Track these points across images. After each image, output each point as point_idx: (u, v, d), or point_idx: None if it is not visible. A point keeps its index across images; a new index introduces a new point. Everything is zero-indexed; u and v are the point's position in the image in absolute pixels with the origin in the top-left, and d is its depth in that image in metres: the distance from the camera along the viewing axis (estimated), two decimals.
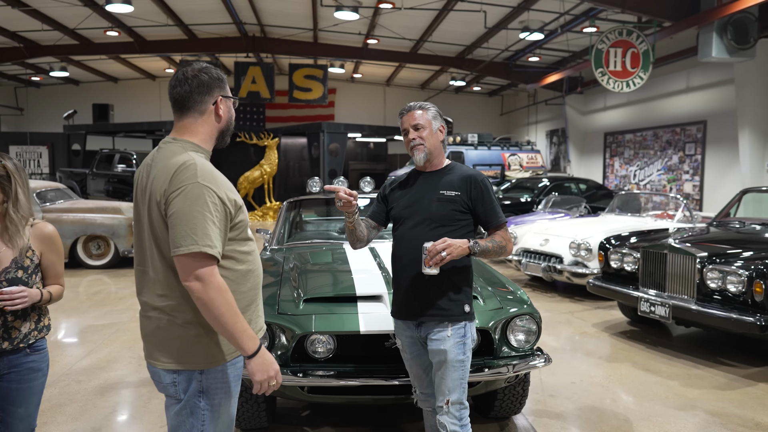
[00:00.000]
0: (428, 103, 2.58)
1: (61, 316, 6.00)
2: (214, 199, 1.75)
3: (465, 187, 2.46)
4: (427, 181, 2.52)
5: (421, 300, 2.43)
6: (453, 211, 2.43)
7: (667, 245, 4.94)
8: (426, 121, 2.50)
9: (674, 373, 4.44)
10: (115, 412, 3.70)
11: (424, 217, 2.45)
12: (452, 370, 2.40)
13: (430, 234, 2.40)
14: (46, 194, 8.79)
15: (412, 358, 2.55)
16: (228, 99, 1.91)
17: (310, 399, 2.92)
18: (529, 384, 3.42)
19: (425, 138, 2.48)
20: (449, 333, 2.40)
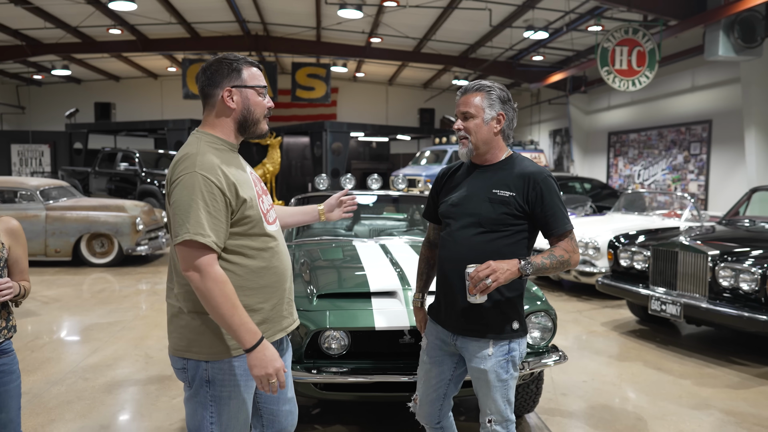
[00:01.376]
0: (492, 84, 2.15)
1: (65, 314, 5.96)
2: (211, 188, 1.74)
3: (522, 187, 2.09)
4: (481, 177, 2.17)
5: (464, 313, 2.12)
6: (505, 215, 2.08)
7: (678, 243, 4.90)
8: (477, 108, 2.11)
9: (686, 372, 4.40)
10: (123, 409, 3.66)
11: (473, 219, 2.12)
12: (494, 391, 2.13)
13: (477, 239, 2.10)
14: (49, 192, 8.75)
15: (431, 363, 2.28)
16: (243, 89, 1.87)
17: (323, 396, 2.88)
18: (542, 382, 3.38)
19: (471, 130, 2.12)
20: (490, 351, 2.11)
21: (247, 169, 1.98)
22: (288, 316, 2.01)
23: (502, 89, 2.17)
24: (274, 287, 1.92)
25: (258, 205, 1.89)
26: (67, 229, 8.32)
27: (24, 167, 17.58)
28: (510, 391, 2.18)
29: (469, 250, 2.11)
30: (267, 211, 1.96)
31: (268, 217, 1.95)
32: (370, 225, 5.08)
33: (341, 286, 3.15)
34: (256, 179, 1.99)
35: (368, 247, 3.95)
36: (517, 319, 2.16)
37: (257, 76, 1.90)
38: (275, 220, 2.02)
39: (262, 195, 1.98)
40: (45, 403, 3.70)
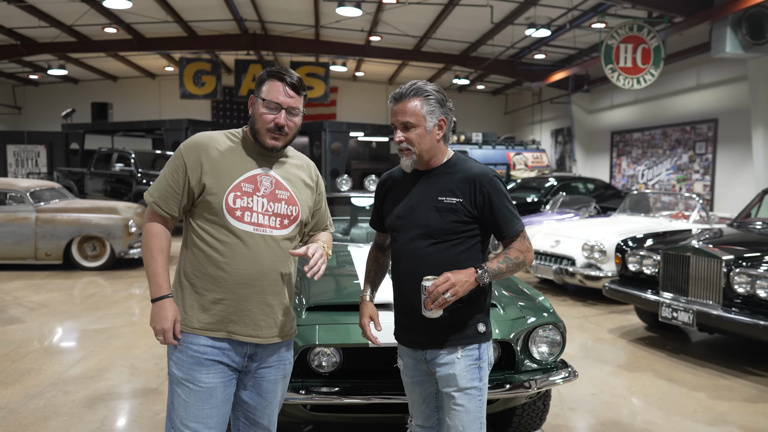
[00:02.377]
0: (428, 87, 2.00)
1: (53, 321, 5.74)
2: (178, 161, 1.93)
3: (468, 191, 1.98)
4: (424, 185, 2.04)
5: (425, 327, 2.00)
6: (454, 223, 1.97)
7: (689, 247, 4.68)
8: (418, 116, 1.96)
9: (700, 384, 4.18)
10: (103, 426, 3.44)
11: (421, 231, 2.00)
12: (467, 401, 1.98)
13: (428, 251, 1.99)
14: (41, 194, 8.53)
15: (412, 383, 2.16)
16: (258, 99, 1.96)
17: (313, 418, 2.66)
18: (550, 398, 3.15)
19: (414, 141, 1.98)
20: (459, 355, 2.00)
21: (258, 170, 1.97)
22: (258, 326, 1.95)
23: (439, 90, 2.03)
24: (223, 284, 1.91)
25: (226, 197, 1.90)
26: (58, 232, 8.10)
27: (20, 168, 17.38)
28: (483, 408, 2.04)
29: (422, 263, 2.00)
30: (244, 208, 1.91)
31: (244, 215, 1.91)
32: (367, 228, 4.85)
33: (333, 297, 2.93)
34: (268, 181, 1.97)
35: (364, 253, 3.70)
36: (483, 321, 2.06)
37: (274, 90, 1.92)
38: (259, 223, 1.93)
39: (257, 195, 1.93)
40: (21, 419, 3.48)
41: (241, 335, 1.93)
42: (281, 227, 1.96)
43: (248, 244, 1.91)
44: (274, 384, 2.04)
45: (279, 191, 1.98)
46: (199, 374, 1.90)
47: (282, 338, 2.02)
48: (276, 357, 2.03)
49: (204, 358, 1.91)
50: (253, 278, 1.92)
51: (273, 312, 1.97)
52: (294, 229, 2.01)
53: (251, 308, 1.93)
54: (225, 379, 1.94)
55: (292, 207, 1.99)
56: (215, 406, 1.91)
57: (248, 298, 1.92)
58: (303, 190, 2.05)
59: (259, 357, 1.99)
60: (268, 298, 1.95)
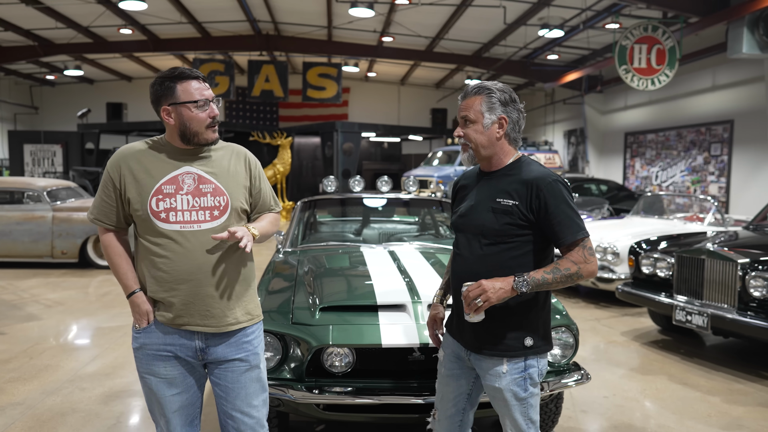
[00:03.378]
0: (493, 86, 2.02)
1: (70, 318, 5.82)
2: (106, 177, 2.05)
3: (525, 194, 1.95)
4: (486, 185, 2.06)
5: (475, 329, 2.01)
6: (508, 225, 1.95)
7: (704, 250, 4.64)
8: (476, 113, 2.00)
9: (714, 388, 4.14)
10: (118, 423, 3.49)
11: (477, 231, 2.02)
12: (513, 410, 2.01)
13: (481, 252, 1.99)
14: (57, 193, 8.65)
15: (448, 375, 2.17)
16: (177, 106, 1.99)
17: (326, 417, 2.67)
18: (562, 401, 3.15)
19: (471, 136, 2.02)
20: (505, 369, 1.99)
21: (179, 170, 2.02)
22: (204, 316, 2.03)
23: (504, 91, 2.03)
24: (164, 283, 2.00)
25: (149, 202, 1.98)
26: (74, 231, 8.21)
27: (36, 167, 17.58)
28: (531, 410, 2.04)
29: (476, 264, 2.01)
30: (168, 209, 1.98)
31: (169, 216, 1.99)
32: (380, 229, 4.87)
33: (346, 297, 2.95)
34: (190, 178, 2.02)
35: (376, 253, 3.75)
36: (531, 335, 2.01)
37: (194, 90, 1.99)
38: (185, 220, 1.99)
39: (180, 194, 1.99)
40: (38, 415, 3.54)
41: (190, 325, 2.02)
42: (212, 219, 2.02)
43: (179, 242, 1.99)
44: (238, 375, 2.07)
45: (203, 185, 2.03)
46: (157, 368, 2.05)
47: (234, 325, 2.06)
48: (235, 348, 2.07)
49: (159, 354, 2.04)
50: (191, 273, 1.99)
51: (215, 301, 2.03)
52: (228, 219, 2.05)
53: (195, 301, 2.01)
54: (183, 370, 2.07)
55: (220, 197, 2.03)
56: (178, 392, 2.07)
57: (190, 291, 2.00)
58: (231, 178, 2.08)
59: (213, 350, 2.06)
60: (209, 290, 2.01)
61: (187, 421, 2.12)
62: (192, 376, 2.09)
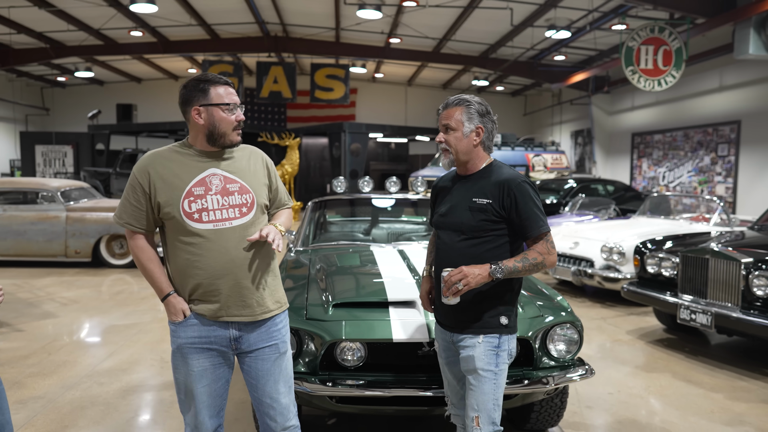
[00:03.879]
0: (471, 98, 2.29)
1: (84, 316, 5.96)
2: (134, 182, 2.14)
3: (498, 193, 2.21)
4: (463, 187, 2.32)
5: (455, 311, 2.26)
6: (483, 222, 2.21)
7: (708, 250, 4.71)
8: (457, 122, 2.25)
9: (718, 385, 4.21)
10: (136, 416, 3.60)
11: (456, 228, 2.27)
12: (482, 382, 2.20)
13: (461, 246, 2.25)
14: (70, 193, 8.80)
15: (446, 363, 2.41)
16: (209, 107, 2.12)
17: (338, 409, 2.77)
18: (567, 395, 3.24)
19: (451, 143, 2.26)
20: (480, 340, 2.23)
21: (205, 172, 2.14)
22: (240, 306, 2.15)
23: (482, 103, 2.30)
24: (201, 280, 2.11)
25: (181, 205, 2.09)
26: (87, 230, 8.36)
27: (48, 168, 17.82)
28: (498, 391, 2.23)
29: (456, 257, 2.25)
30: (200, 209, 2.10)
31: (202, 216, 2.10)
32: (389, 229, 4.97)
33: (358, 294, 3.05)
34: (217, 179, 2.15)
35: (386, 252, 3.85)
36: (506, 314, 2.26)
37: (224, 94, 2.13)
38: (218, 218, 2.12)
39: (209, 195, 2.12)
40: (59, 408, 3.66)
41: (226, 316, 2.14)
42: (241, 216, 2.15)
43: (214, 240, 2.12)
44: (270, 363, 2.21)
45: (229, 185, 2.17)
46: (192, 360, 2.16)
47: (266, 314, 2.20)
48: (266, 335, 2.21)
49: (194, 348, 2.16)
50: (226, 268, 2.12)
51: (251, 292, 2.16)
52: (255, 214, 2.20)
53: (231, 293, 2.13)
54: (215, 362, 2.18)
55: (246, 195, 2.18)
56: (206, 385, 2.18)
57: (227, 285, 2.12)
58: (252, 176, 2.23)
59: (246, 338, 2.19)
60: (244, 282, 2.15)
61: (214, 413, 2.23)
62: (223, 368, 2.20)
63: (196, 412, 2.19)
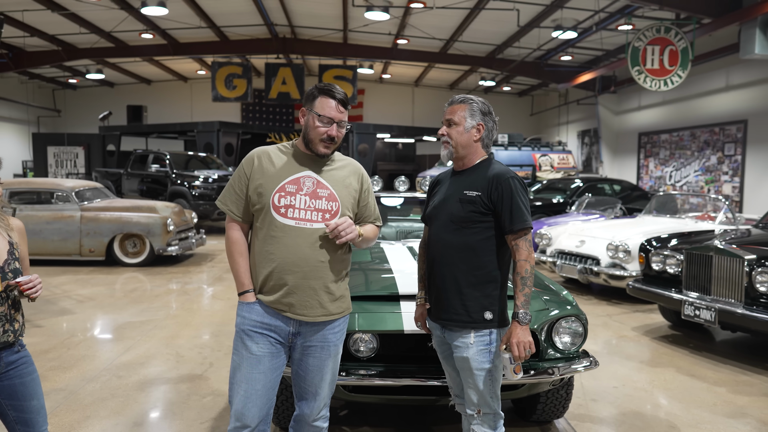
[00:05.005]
0: (474, 98, 2.41)
1: (99, 313, 6.10)
2: (240, 171, 2.30)
3: (487, 186, 2.29)
4: (457, 181, 2.42)
5: (442, 303, 2.36)
6: (472, 213, 2.29)
7: (712, 247, 4.79)
8: (460, 117, 2.36)
9: (721, 380, 4.30)
10: (155, 407, 3.73)
11: (447, 218, 2.36)
12: (478, 380, 2.29)
13: (450, 236, 2.32)
14: (84, 193, 8.97)
15: (443, 358, 2.50)
16: (310, 112, 2.27)
17: (351, 398, 2.89)
18: (573, 387, 3.33)
19: (453, 136, 2.37)
20: (472, 340, 2.29)
21: (301, 173, 2.27)
22: (303, 306, 2.23)
23: (485, 103, 2.41)
24: (273, 271, 2.21)
25: (272, 197, 2.22)
26: (101, 230, 8.52)
27: (59, 169, 18.06)
28: (496, 384, 2.33)
29: (446, 246, 2.34)
30: (288, 205, 2.21)
31: (288, 212, 2.21)
32: (398, 227, 5.08)
33: (370, 288, 3.16)
34: (310, 182, 2.26)
35: (396, 249, 3.96)
36: (490, 309, 2.30)
37: (326, 106, 2.24)
38: (301, 217, 2.22)
39: (300, 194, 2.23)
40: (81, 399, 3.80)
41: (290, 313, 2.23)
42: (323, 220, 2.24)
43: (292, 236, 2.22)
44: (319, 361, 2.30)
45: (320, 190, 2.27)
46: (250, 343, 2.24)
47: (326, 317, 2.27)
48: (321, 337, 2.29)
49: (254, 332, 2.24)
50: (296, 265, 2.21)
51: (317, 294, 2.24)
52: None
53: (297, 291, 2.22)
54: (273, 350, 2.25)
55: (333, 203, 2.26)
56: (262, 372, 2.23)
57: (295, 282, 2.21)
58: (344, 188, 2.31)
59: (303, 335, 2.28)
60: (311, 282, 2.23)
61: (263, 405, 2.22)
62: (280, 358, 2.27)
63: (245, 399, 2.19)
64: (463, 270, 2.30)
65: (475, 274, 2.30)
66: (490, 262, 2.31)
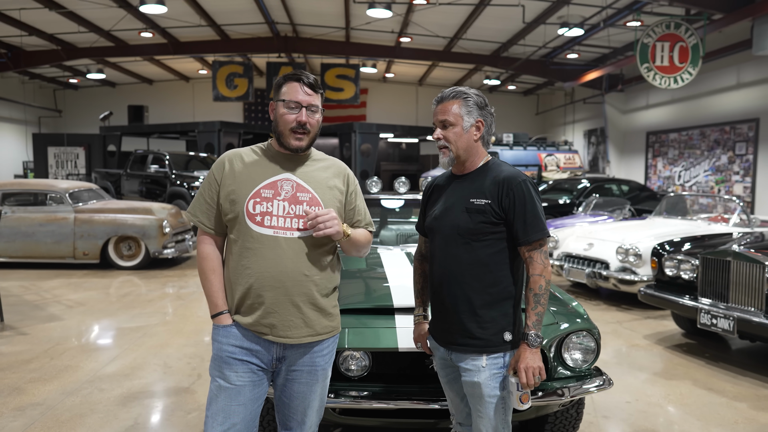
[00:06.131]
0: (468, 90, 2.09)
1: (90, 319, 5.89)
2: (210, 177, 2.05)
3: (496, 193, 2.01)
4: (459, 187, 2.11)
5: (452, 326, 2.06)
6: (482, 224, 2.00)
7: (730, 252, 4.52)
8: (456, 116, 2.05)
9: (741, 394, 4.03)
10: (136, 424, 3.50)
11: (453, 231, 2.06)
12: (489, 408, 2.02)
13: (459, 251, 2.03)
14: (79, 194, 8.77)
15: (446, 382, 2.23)
16: (278, 102, 2.02)
17: (341, 421, 2.65)
18: (583, 406, 3.08)
19: (451, 139, 2.06)
20: (484, 363, 2.01)
21: (279, 176, 2.02)
22: (287, 327, 1.98)
23: (479, 95, 2.10)
24: (251, 287, 1.96)
25: (246, 204, 1.97)
26: (95, 232, 8.32)
27: (60, 169, 17.90)
28: (508, 412, 2.08)
29: (453, 263, 2.06)
30: (264, 213, 1.96)
31: (264, 220, 1.96)
32: (397, 230, 4.83)
33: (362, 300, 2.92)
34: (289, 185, 2.01)
35: (393, 255, 3.71)
36: (509, 329, 2.05)
37: (293, 90, 1.98)
38: (279, 226, 1.97)
39: (277, 200, 1.98)
40: (58, 415, 3.57)
41: (271, 336, 1.98)
42: (305, 228, 1.98)
43: (270, 248, 1.96)
44: (306, 387, 2.06)
45: (300, 194, 2.01)
46: (229, 372, 1.98)
47: (312, 337, 2.02)
48: (308, 360, 2.04)
49: (233, 359, 1.99)
50: (277, 280, 1.95)
51: (300, 312, 1.99)
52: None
53: (279, 309, 1.97)
54: (254, 378, 2.00)
55: (315, 208, 1.99)
56: (242, 404, 1.98)
57: (276, 300, 1.96)
58: (327, 190, 2.06)
59: (288, 360, 2.03)
60: (294, 299, 1.97)
61: None
62: (262, 387, 2.04)
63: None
64: (477, 288, 2.02)
65: (490, 292, 2.03)
66: (504, 277, 2.04)
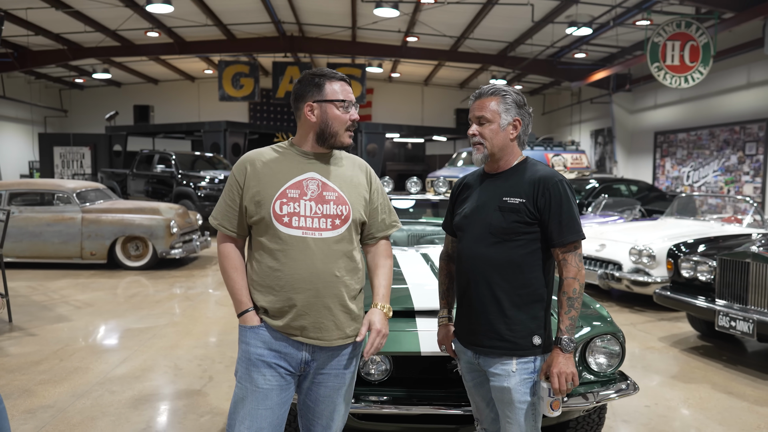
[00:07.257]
0: (507, 88, 2.06)
1: (99, 320, 5.84)
2: (232, 180, 2.01)
3: (532, 192, 1.97)
4: (492, 185, 2.07)
5: (480, 327, 2.02)
6: (516, 223, 1.97)
7: (749, 253, 4.44)
8: (493, 113, 2.01)
9: (762, 398, 3.95)
10: (148, 428, 3.45)
11: (484, 230, 2.02)
12: (519, 415, 1.97)
13: (490, 251, 1.99)
14: (86, 194, 8.74)
15: (473, 386, 2.18)
16: (323, 103, 1.97)
17: (361, 426, 2.59)
18: (606, 411, 3.02)
19: (487, 135, 2.02)
20: (514, 368, 1.97)
21: (304, 175, 1.98)
22: (318, 329, 1.95)
23: (518, 93, 2.08)
24: (280, 290, 1.93)
25: (273, 205, 1.93)
26: (103, 232, 8.28)
27: (66, 169, 17.91)
28: (538, 418, 2.03)
29: (483, 263, 2.01)
30: (291, 213, 1.93)
31: (292, 221, 1.93)
32: (409, 231, 4.78)
33: None
34: (314, 184, 1.97)
35: (409, 256, 3.66)
36: (538, 333, 2.01)
37: (340, 90, 1.98)
38: (308, 226, 1.94)
39: (303, 200, 1.94)
40: (69, 418, 3.52)
41: (302, 337, 1.95)
42: (333, 228, 1.95)
43: (299, 249, 1.92)
44: (332, 390, 2.02)
45: (326, 193, 1.98)
46: (257, 375, 1.95)
47: (344, 340, 1.99)
48: (336, 363, 2.01)
49: (262, 361, 1.95)
50: (307, 281, 1.92)
51: (332, 314, 1.96)
52: (347, 230, 1.99)
53: (310, 312, 1.93)
54: (282, 383, 1.97)
55: (342, 206, 1.97)
56: (269, 408, 1.94)
57: (307, 301, 1.93)
58: (353, 188, 2.03)
59: (318, 362, 2.00)
60: (326, 301, 1.94)
61: None
62: (289, 391, 2.00)
63: None
64: (506, 289, 1.98)
65: (520, 293, 1.98)
66: (536, 279, 1.99)
